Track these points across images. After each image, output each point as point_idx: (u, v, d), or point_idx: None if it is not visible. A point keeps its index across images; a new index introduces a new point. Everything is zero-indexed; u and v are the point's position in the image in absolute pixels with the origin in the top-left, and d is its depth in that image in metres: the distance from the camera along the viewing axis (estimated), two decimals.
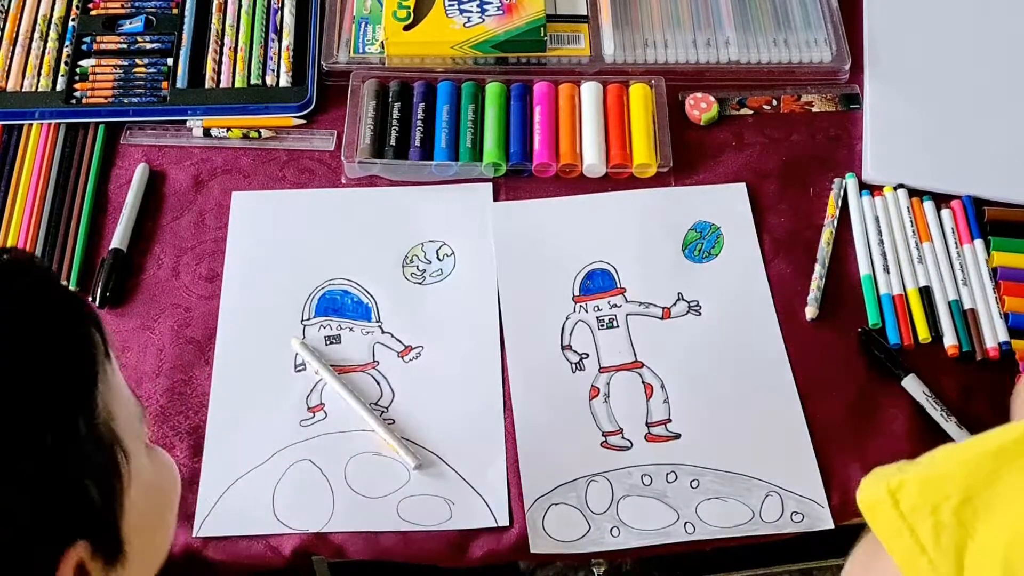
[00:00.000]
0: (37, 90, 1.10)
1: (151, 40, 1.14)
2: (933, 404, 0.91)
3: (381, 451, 0.91)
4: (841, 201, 1.03)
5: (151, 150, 1.08)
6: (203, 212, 1.04)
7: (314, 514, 0.88)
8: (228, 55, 1.12)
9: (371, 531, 0.87)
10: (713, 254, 1.01)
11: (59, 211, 1.03)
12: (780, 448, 0.91)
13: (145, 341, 0.96)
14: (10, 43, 1.13)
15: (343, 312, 0.98)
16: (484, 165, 1.05)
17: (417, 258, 1.01)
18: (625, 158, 1.05)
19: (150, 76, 1.11)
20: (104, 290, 0.98)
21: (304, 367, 0.95)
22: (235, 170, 1.07)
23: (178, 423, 0.92)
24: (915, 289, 0.98)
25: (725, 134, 1.09)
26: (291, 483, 0.89)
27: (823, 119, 1.10)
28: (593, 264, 1.00)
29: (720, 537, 0.87)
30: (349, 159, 1.05)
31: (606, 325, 0.97)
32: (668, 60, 1.12)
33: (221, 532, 0.87)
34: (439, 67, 1.11)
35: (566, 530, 0.87)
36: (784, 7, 1.15)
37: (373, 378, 0.95)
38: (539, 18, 1.10)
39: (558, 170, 1.05)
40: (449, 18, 1.10)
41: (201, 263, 1.01)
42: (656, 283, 0.99)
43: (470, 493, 0.89)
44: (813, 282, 0.98)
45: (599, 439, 0.91)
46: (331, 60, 1.11)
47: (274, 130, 1.09)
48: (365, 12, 1.14)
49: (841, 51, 1.12)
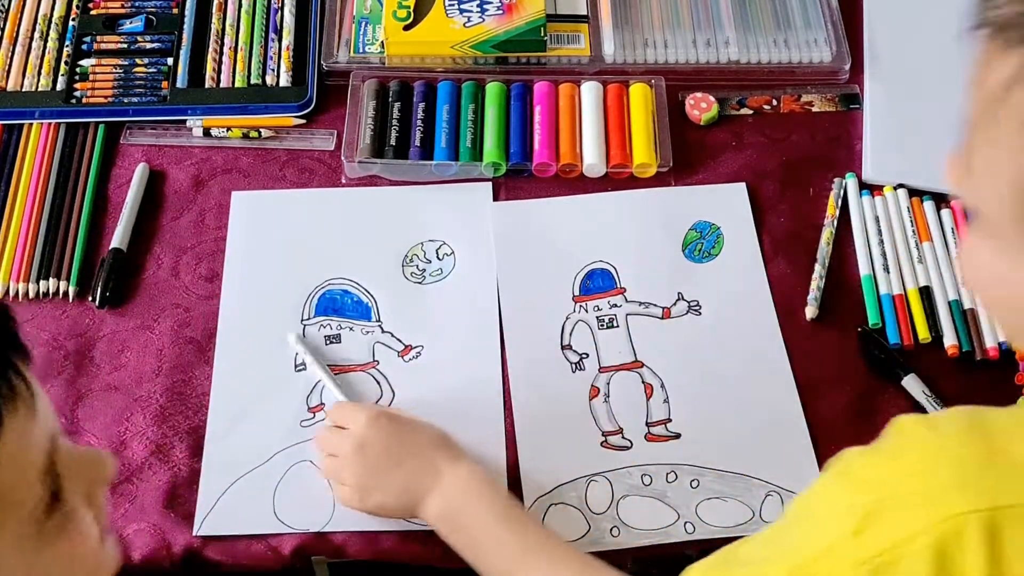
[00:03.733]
0: (37, 90, 1.10)
1: (151, 40, 1.14)
2: (933, 404, 0.91)
3: None
4: (841, 201, 1.03)
5: (151, 150, 1.08)
6: (203, 212, 1.04)
7: (314, 514, 0.88)
8: (228, 55, 1.12)
9: (371, 531, 0.87)
10: (713, 254, 1.01)
11: (59, 211, 1.03)
12: (780, 448, 0.91)
13: (145, 341, 0.96)
14: (10, 43, 1.13)
15: (343, 312, 0.98)
16: (484, 165, 1.05)
17: (417, 258, 1.01)
18: (625, 158, 1.05)
19: (150, 76, 1.11)
20: (104, 290, 0.98)
21: (304, 367, 0.95)
22: (235, 170, 1.07)
23: (178, 423, 0.92)
24: (915, 289, 0.98)
25: (725, 134, 1.09)
26: (291, 483, 0.89)
27: (823, 119, 1.10)
28: (593, 264, 1.01)
29: (720, 537, 0.87)
30: (349, 159, 1.05)
31: (606, 325, 0.97)
32: (668, 60, 1.12)
33: (221, 532, 0.87)
34: (439, 67, 1.11)
35: (566, 530, 0.87)
36: (784, 7, 1.15)
37: (373, 378, 0.95)
38: (539, 18, 1.10)
39: (558, 170, 1.05)
40: (449, 18, 1.10)
41: (201, 263, 1.01)
42: (656, 283, 0.99)
43: None
44: (813, 282, 0.98)
45: (599, 439, 0.91)
46: (331, 60, 1.11)
47: (274, 130, 1.09)
48: (365, 12, 1.14)
49: (841, 51, 1.12)
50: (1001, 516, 0.52)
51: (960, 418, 0.60)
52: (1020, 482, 0.54)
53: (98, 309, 0.98)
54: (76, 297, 0.99)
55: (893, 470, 0.57)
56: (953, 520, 0.53)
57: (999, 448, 0.56)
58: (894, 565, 0.54)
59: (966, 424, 0.59)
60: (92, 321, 0.98)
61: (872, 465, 0.59)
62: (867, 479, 0.59)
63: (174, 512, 0.87)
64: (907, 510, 0.55)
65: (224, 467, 0.90)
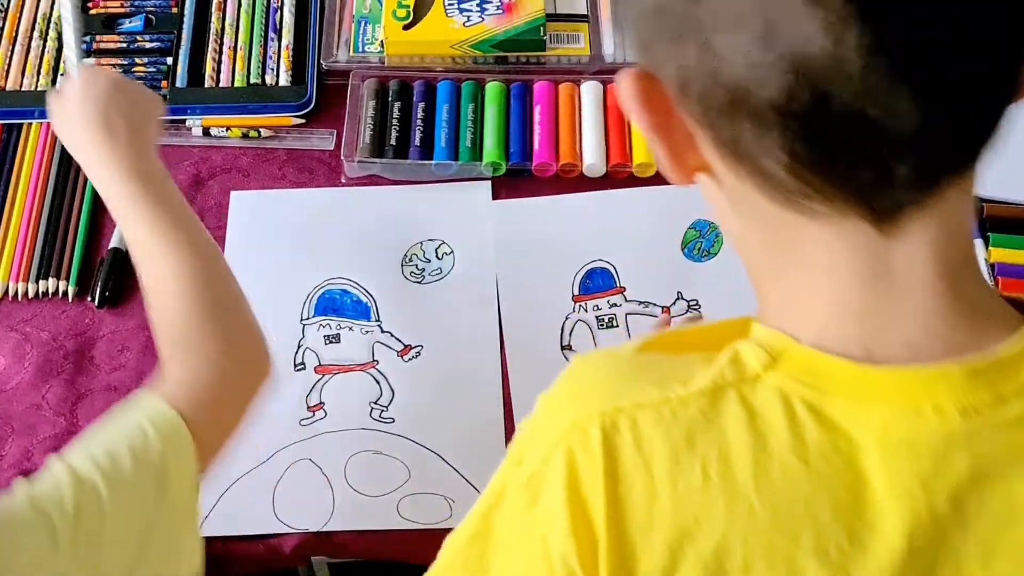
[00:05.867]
0: (37, 89, 1.10)
1: (151, 39, 1.13)
2: None
3: (381, 450, 0.91)
4: None
5: None
6: (203, 211, 1.04)
7: (314, 513, 0.88)
8: (228, 54, 1.12)
9: (371, 530, 0.87)
10: (712, 253, 1.01)
11: (59, 210, 1.03)
12: None
13: (145, 341, 0.96)
14: (10, 42, 1.13)
15: (342, 311, 0.98)
16: (484, 164, 1.05)
17: (416, 257, 1.01)
18: (625, 157, 1.05)
19: (150, 75, 1.11)
20: (104, 290, 0.98)
21: (303, 366, 0.95)
22: (235, 169, 1.07)
23: None
24: None
25: None
26: (291, 482, 0.89)
27: None
28: (592, 263, 1.01)
29: None
30: (349, 158, 1.05)
31: (606, 325, 0.97)
32: None
33: (221, 532, 0.87)
34: (439, 66, 1.11)
35: None
36: None
37: (373, 377, 0.95)
38: (539, 17, 1.10)
39: (558, 169, 1.05)
40: (449, 17, 1.10)
41: None
42: (656, 282, 0.99)
43: (470, 491, 0.89)
44: None
45: None
46: (331, 59, 1.11)
47: (274, 129, 1.09)
48: (365, 11, 1.14)
49: None
50: (612, 418, 0.52)
51: (615, 347, 0.59)
52: (635, 388, 0.53)
53: (98, 309, 0.98)
54: (76, 297, 0.99)
55: (543, 401, 0.57)
56: (576, 426, 0.52)
57: (633, 365, 0.56)
58: (544, 479, 0.53)
59: (615, 350, 0.58)
60: (92, 321, 0.98)
61: (536, 404, 0.58)
62: (530, 416, 0.58)
63: None
64: (548, 425, 0.55)
65: (224, 466, 0.90)
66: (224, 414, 0.73)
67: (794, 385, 0.50)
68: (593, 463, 0.52)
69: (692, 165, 0.53)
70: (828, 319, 0.51)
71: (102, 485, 0.63)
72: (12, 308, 0.98)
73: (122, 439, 0.65)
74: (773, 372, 0.51)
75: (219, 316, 0.75)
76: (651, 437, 0.51)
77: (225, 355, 0.73)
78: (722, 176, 0.52)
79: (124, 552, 0.63)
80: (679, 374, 0.52)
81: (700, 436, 0.51)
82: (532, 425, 0.58)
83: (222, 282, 0.78)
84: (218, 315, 0.75)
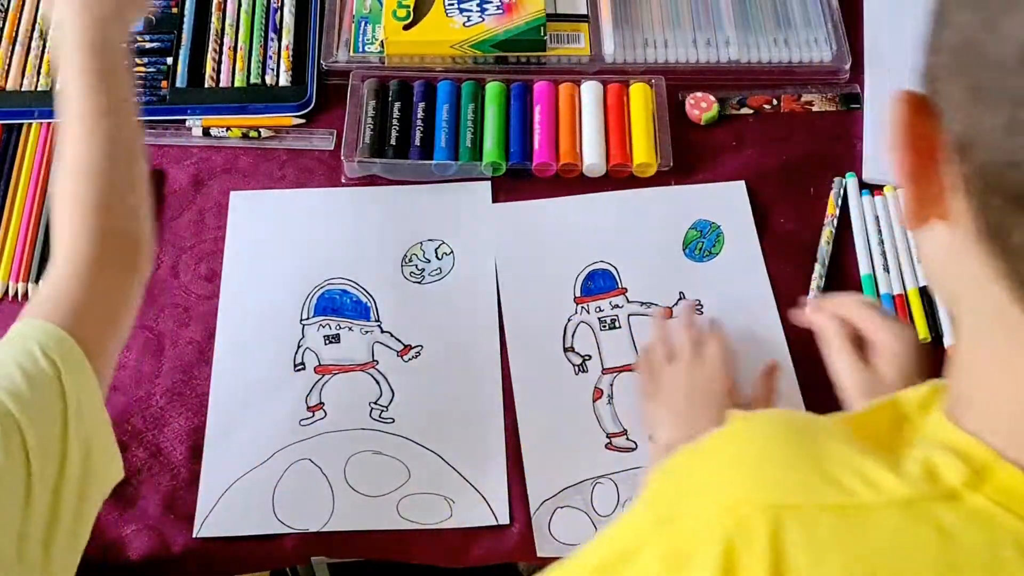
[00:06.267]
0: (37, 89, 1.10)
1: (150, 39, 1.13)
2: None
3: (381, 450, 0.91)
4: (841, 201, 1.03)
5: (150, 149, 1.08)
6: (202, 211, 1.04)
7: (314, 514, 0.87)
8: (228, 54, 1.12)
9: (371, 530, 0.87)
10: (714, 253, 1.01)
11: None
12: None
13: (145, 341, 0.96)
14: (10, 43, 1.13)
15: (342, 311, 0.98)
16: (484, 165, 1.04)
17: (416, 257, 1.01)
18: (625, 157, 1.05)
19: (149, 75, 1.11)
20: None
21: (303, 366, 0.95)
22: (235, 169, 1.07)
23: (178, 423, 0.92)
24: (915, 289, 0.98)
25: (725, 134, 1.09)
26: (291, 483, 0.89)
27: (823, 119, 1.10)
28: (594, 264, 1.00)
29: None
30: (349, 158, 1.05)
31: (608, 326, 0.97)
32: (668, 60, 1.12)
33: (221, 532, 0.87)
34: (439, 66, 1.11)
35: (572, 533, 0.87)
36: (784, 6, 1.15)
37: (372, 377, 0.95)
38: (539, 17, 1.10)
39: (558, 170, 1.05)
40: (449, 17, 1.10)
41: (200, 263, 1.01)
42: (657, 283, 0.99)
43: (470, 491, 0.89)
44: (813, 281, 0.98)
45: (604, 441, 0.91)
46: (331, 59, 1.11)
47: (274, 129, 1.08)
48: (365, 11, 1.14)
49: (841, 51, 1.12)
50: (785, 515, 0.48)
51: (780, 416, 0.57)
52: (813, 483, 0.49)
53: None
54: None
55: (697, 462, 0.54)
56: (740, 512, 0.49)
57: (806, 450, 0.52)
58: (691, 559, 0.49)
59: (783, 422, 0.55)
60: None
61: (682, 457, 0.56)
62: (675, 470, 0.56)
63: (174, 513, 0.87)
64: (702, 494, 0.52)
65: (224, 467, 0.90)
66: (96, 311, 0.74)
67: (1003, 515, 0.45)
68: (756, 560, 0.47)
69: (932, 215, 0.47)
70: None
71: (11, 405, 0.65)
72: (12, 308, 0.98)
73: (11, 363, 0.68)
74: (975, 493, 0.45)
75: (103, 204, 0.76)
76: (825, 540, 0.47)
77: (91, 252, 0.74)
78: (964, 247, 0.45)
79: (52, 461, 0.66)
80: (856, 467, 0.48)
81: (882, 552, 0.46)
82: (679, 484, 0.54)
83: (122, 168, 0.79)
84: (102, 204, 0.76)
